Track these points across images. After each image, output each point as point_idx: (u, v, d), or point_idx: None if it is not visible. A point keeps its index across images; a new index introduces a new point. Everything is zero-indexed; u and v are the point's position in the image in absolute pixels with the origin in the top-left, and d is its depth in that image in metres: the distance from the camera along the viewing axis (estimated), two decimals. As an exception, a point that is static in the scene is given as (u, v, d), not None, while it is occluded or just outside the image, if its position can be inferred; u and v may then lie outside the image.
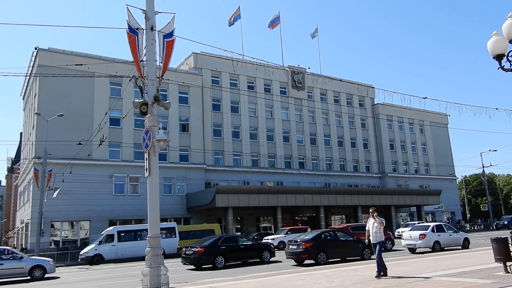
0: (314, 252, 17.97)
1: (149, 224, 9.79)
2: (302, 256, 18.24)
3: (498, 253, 11.02)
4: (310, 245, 18.03)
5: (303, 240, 18.61)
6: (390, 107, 56.39)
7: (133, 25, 10.03)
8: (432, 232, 22.48)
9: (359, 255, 19.25)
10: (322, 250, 18.23)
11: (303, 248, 17.96)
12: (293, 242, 18.95)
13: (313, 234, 19.31)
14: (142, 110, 9.86)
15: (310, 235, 19.19)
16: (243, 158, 45.33)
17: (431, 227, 22.92)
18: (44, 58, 35.58)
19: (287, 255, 19.11)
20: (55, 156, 31.54)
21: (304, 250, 17.94)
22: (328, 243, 19.04)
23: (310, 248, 17.93)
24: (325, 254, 18.22)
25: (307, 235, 19.52)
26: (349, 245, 19.53)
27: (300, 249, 18.05)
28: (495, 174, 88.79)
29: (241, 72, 44.67)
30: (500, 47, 8.38)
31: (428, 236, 22.08)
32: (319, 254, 18.04)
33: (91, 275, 19.65)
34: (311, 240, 18.33)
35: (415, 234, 22.47)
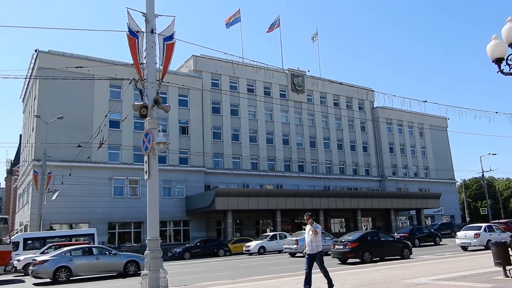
0: (360, 252, 19.37)
1: (149, 226, 9.78)
2: (348, 256, 19.62)
3: (497, 257, 11.01)
4: (356, 245, 19.42)
5: (349, 240, 19.95)
6: (389, 110, 56.45)
7: (133, 28, 10.05)
8: (485, 231, 24.07)
9: (399, 254, 20.67)
10: (367, 250, 19.67)
11: (350, 248, 19.37)
12: (339, 242, 20.36)
13: (358, 235, 20.70)
14: (142, 112, 9.87)
15: (355, 236, 20.59)
16: (242, 161, 45.32)
17: (483, 227, 24.56)
18: (44, 60, 35.60)
19: (333, 255, 20.32)
20: (54, 158, 31.56)
21: (350, 250, 19.36)
22: (371, 243, 20.53)
23: (356, 248, 19.33)
24: (369, 253, 19.61)
25: (351, 236, 21.00)
26: (390, 245, 21.16)
27: (347, 249, 19.45)
28: (495, 178, 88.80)
29: (241, 75, 44.72)
30: (499, 51, 8.38)
31: (482, 235, 23.69)
32: (364, 253, 19.41)
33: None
34: (356, 241, 19.72)
35: (470, 233, 24.17)
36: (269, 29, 49.09)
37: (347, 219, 50.49)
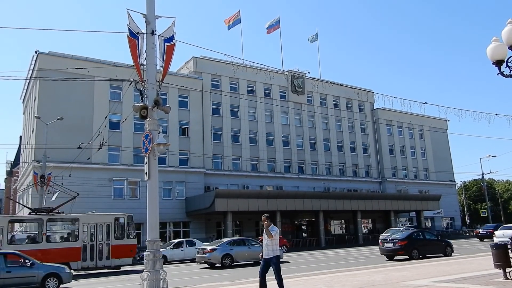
0: (409, 249, 20.81)
1: (149, 228, 9.77)
2: (398, 253, 20.96)
3: (497, 259, 11.00)
4: (405, 243, 20.87)
5: (398, 239, 21.34)
6: (389, 112, 56.46)
7: (134, 29, 10.06)
8: None
9: (443, 252, 22.10)
10: (415, 248, 21.12)
11: (399, 246, 20.83)
12: (389, 240, 21.70)
13: (406, 234, 22.11)
14: (142, 114, 9.87)
15: (403, 235, 22.00)
16: (242, 162, 45.32)
17: None
18: (44, 61, 35.62)
19: (382, 252, 21.83)
20: (54, 159, 31.56)
21: (400, 248, 20.81)
22: (418, 241, 21.93)
23: (405, 246, 20.77)
24: (417, 251, 21.04)
25: (398, 235, 22.54)
26: (435, 243, 22.70)
27: (397, 246, 20.90)
28: (495, 180, 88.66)
29: (241, 76, 44.75)
30: (499, 53, 8.39)
31: None
32: (412, 251, 20.88)
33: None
34: (405, 239, 21.19)
35: (508, 232, 24.52)
36: (269, 30, 49.14)
37: (347, 220, 50.49)
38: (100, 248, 21.92)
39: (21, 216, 22.41)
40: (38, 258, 18.66)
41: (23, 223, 21.89)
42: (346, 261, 21.72)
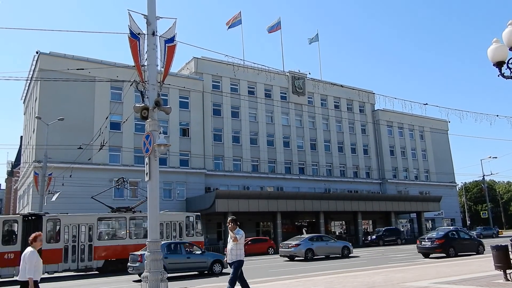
0: (446, 247, 21.93)
1: (149, 228, 9.77)
2: (436, 251, 21.96)
3: (498, 260, 10.98)
4: (442, 241, 21.97)
5: (436, 237, 22.39)
6: (390, 113, 56.44)
7: (135, 30, 10.06)
8: None
9: (475, 250, 23.15)
10: (451, 246, 22.26)
11: (437, 244, 21.86)
12: (426, 239, 22.71)
13: (443, 233, 23.11)
14: (143, 114, 9.86)
15: (440, 234, 23.01)
16: (243, 163, 45.32)
17: None
18: (45, 62, 35.68)
19: (419, 250, 22.80)
20: (55, 160, 31.58)
21: (438, 246, 21.86)
22: (454, 240, 22.96)
23: (442, 244, 21.87)
24: (453, 249, 22.15)
25: (434, 234, 23.56)
26: (468, 242, 23.64)
27: (435, 245, 21.93)
28: (495, 181, 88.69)
29: (242, 77, 44.77)
30: (500, 54, 8.39)
31: None
32: (449, 249, 22.02)
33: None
34: (442, 238, 22.27)
35: None
36: (270, 31, 49.17)
37: (348, 221, 50.46)
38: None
39: (108, 214, 24.40)
40: (118, 252, 22.36)
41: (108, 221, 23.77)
42: (346, 262, 21.72)
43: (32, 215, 21.80)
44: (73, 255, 21.61)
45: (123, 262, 21.06)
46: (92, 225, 22.48)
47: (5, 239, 20.48)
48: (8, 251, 20.22)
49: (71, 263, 21.53)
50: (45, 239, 20.62)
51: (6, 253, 20.17)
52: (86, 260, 21.84)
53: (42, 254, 18.78)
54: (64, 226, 21.96)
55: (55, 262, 21.02)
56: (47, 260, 20.11)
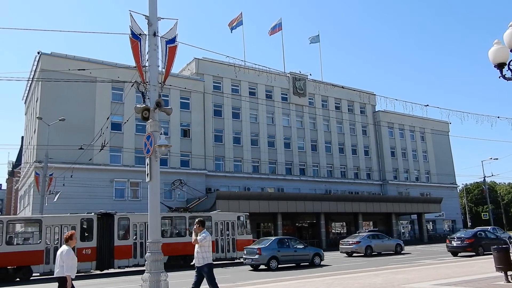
0: (475, 246, 22.97)
1: (150, 229, 9.76)
2: (467, 249, 23.11)
3: (499, 262, 10.98)
4: (472, 241, 23.07)
5: (465, 237, 23.58)
6: (391, 114, 56.41)
7: (136, 30, 10.06)
8: None
9: None
10: (480, 245, 23.32)
11: (467, 243, 22.99)
12: (456, 239, 23.94)
13: (471, 232, 24.56)
14: (143, 115, 9.85)
15: (468, 233, 24.45)
16: (244, 164, 45.32)
17: None
18: (46, 62, 35.72)
19: (449, 249, 24.08)
20: (56, 160, 31.60)
21: (468, 245, 22.98)
22: (482, 239, 23.96)
23: (472, 243, 22.97)
24: (482, 248, 23.08)
25: (463, 233, 24.97)
26: (496, 242, 23.36)
27: (465, 244, 23.07)
28: (496, 183, 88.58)
29: (243, 78, 44.78)
30: (501, 56, 8.39)
31: None
32: (478, 248, 23.10)
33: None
34: (472, 237, 23.46)
35: None
36: (272, 32, 49.19)
37: (348, 223, 50.41)
38: (228, 242, 25.73)
39: (170, 214, 25.67)
40: (180, 249, 23.71)
41: (170, 220, 25.15)
42: (347, 264, 21.69)
43: (105, 214, 23.01)
44: (141, 251, 22.76)
45: (184, 258, 23.55)
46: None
47: (82, 236, 21.83)
48: (85, 247, 21.63)
49: (140, 259, 22.66)
50: (117, 236, 22.56)
51: (84, 248, 21.54)
52: None
53: (115, 250, 22.16)
54: (132, 224, 23.31)
55: (125, 258, 22.53)
56: (119, 255, 22.35)
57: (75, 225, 21.78)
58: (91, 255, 21.61)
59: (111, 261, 22.31)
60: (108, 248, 22.33)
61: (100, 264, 22.06)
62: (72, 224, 21.70)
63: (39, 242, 20.93)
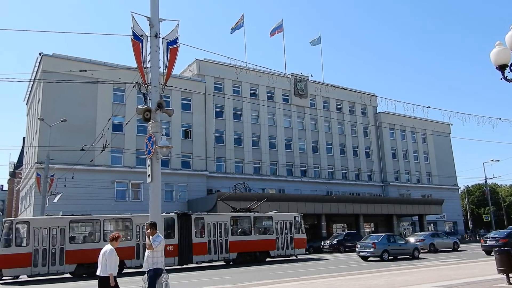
0: (509, 245, 23.57)
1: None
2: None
3: (501, 264, 10.95)
4: (506, 240, 23.51)
5: (499, 237, 24.48)
6: (392, 115, 56.37)
7: (138, 32, 10.08)
8: None
9: None
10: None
11: (502, 242, 23.19)
12: (491, 238, 24.98)
13: (505, 232, 25.45)
14: (145, 116, 9.87)
15: (501, 233, 25.41)
16: (245, 165, 45.31)
17: None
18: (48, 63, 35.77)
19: (483, 248, 25.09)
20: (57, 161, 31.61)
21: (503, 244, 22.76)
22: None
23: (507, 242, 22.97)
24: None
25: (496, 234, 25.91)
26: None
27: (500, 243, 23.22)
28: (498, 185, 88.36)
29: (244, 79, 44.80)
30: (503, 57, 8.38)
31: None
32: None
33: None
34: (506, 237, 24.15)
35: None
36: (273, 33, 49.25)
37: (349, 224, 50.32)
38: (286, 240, 27.58)
39: (238, 214, 27.57)
40: (247, 246, 26.01)
41: (238, 220, 27.08)
42: (349, 265, 21.68)
43: (183, 213, 25.02)
44: (214, 248, 24.85)
45: (250, 255, 26.04)
46: (227, 223, 25.77)
47: (166, 234, 23.00)
48: (168, 244, 22.68)
49: (214, 255, 24.76)
50: (194, 234, 24.36)
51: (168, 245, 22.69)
52: (224, 252, 25.18)
53: (193, 247, 24.11)
54: (207, 224, 25.09)
55: (202, 254, 24.39)
56: (196, 252, 24.21)
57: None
58: (174, 252, 23.34)
59: (190, 257, 24.08)
60: (187, 245, 24.10)
61: (181, 260, 23.77)
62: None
63: (130, 239, 22.59)
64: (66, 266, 20.97)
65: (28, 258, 20.31)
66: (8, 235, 20.86)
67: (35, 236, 20.80)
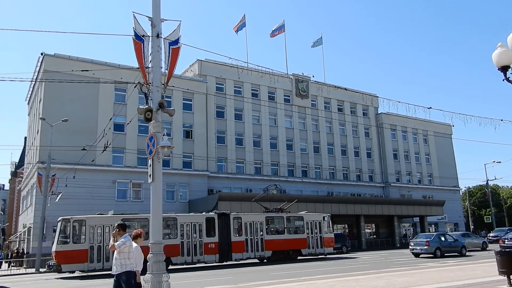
0: None
1: (152, 230, 9.77)
2: None
3: (502, 265, 10.92)
4: None
5: None
6: (394, 116, 56.32)
7: (139, 32, 10.08)
8: None
9: None
10: None
11: None
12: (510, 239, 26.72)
13: None
14: (146, 116, 9.87)
15: None
16: (246, 165, 45.31)
17: None
18: (50, 63, 35.81)
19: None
20: (59, 161, 31.66)
21: None
22: None
23: None
24: None
25: None
26: None
27: None
28: (499, 186, 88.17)
29: (246, 79, 44.79)
30: (505, 58, 8.38)
31: None
32: None
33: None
34: None
35: None
36: (274, 34, 49.27)
37: (350, 225, 50.29)
38: (317, 239, 29.10)
39: (273, 214, 29.18)
40: (280, 245, 27.63)
41: (272, 219, 28.75)
42: (349, 266, 21.67)
43: (222, 213, 26.59)
44: (251, 246, 26.51)
45: (284, 253, 27.67)
46: (262, 223, 27.47)
47: (208, 232, 25.20)
48: (210, 241, 25.12)
49: (250, 253, 26.37)
50: (232, 232, 25.96)
51: (209, 243, 25.07)
52: (260, 250, 26.79)
53: (232, 245, 25.81)
54: (244, 223, 26.74)
55: (240, 252, 25.98)
56: (235, 249, 25.83)
57: (202, 222, 25.25)
58: (215, 249, 25.00)
59: (229, 254, 25.54)
60: (226, 243, 25.63)
61: (221, 257, 25.29)
62: (199, 221, 25.25)
63: (176, 237, 24.17)
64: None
65: (85, 254, 21.60)
66: (65, 233, 22.03)
67: (90, 233, 21.95)
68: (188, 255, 24.43)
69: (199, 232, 24.99)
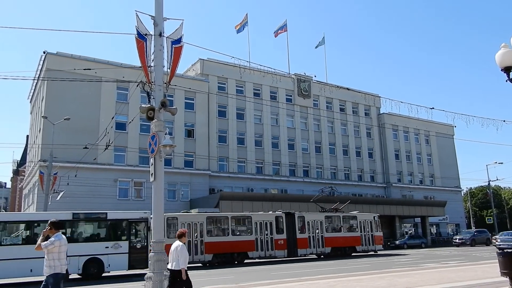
0: None
1: (154, 229, 9.77)
2: None
3: (504, 266, 10.87)
4: None
5: None
6: (396, 116, 56.24)
7: (142, 31, 10.09)
8: None
9: None
10: None
11: None
12: None
13: None
14: (149, 115, 9.88)
15: None
16: (247, 165, 45.31)
17: None
18: (52, 62, 35.87)
19: None
20: (60, 159, 31.70)
21: None
22: None
23: None
24: None
25: None
26: None
27: None
28: (501, 187, 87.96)
29: (248, 79, 44.78)
30: (508, 59, 8.35)
31: None
32: None
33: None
34: None
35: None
36: (276, 34, 49.24)
37: (352, 225, 50.28)
38: (368, 237, 31.46)
39: (330, 213, 31.51)
40: (338, 242, 30.07)
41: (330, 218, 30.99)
42: (351, 266, 21.66)
43: (287, 212, 29.05)
44: (313, 242, 28.94)
45: (341, 249, 30.05)
46: (321, 221, 29.84)
47: (277, 230, 27.70)
48: (279, 238, 27.53)
49: (313, 249, 28.87)
50: (297, 230, 28.45)
51: (279, 240, 27.45)
52: (321, 247, 29.16)
53: (297, 241, 28.27)
54: (307, 221, 29.18)
55: (304, 248, 28.49)
56: (300, 246, 28.36)
57: (272, 221, 27.68)
58: (283, 245, 27.46)
59: (295, 250, 27.97)
60: (293, 239, 28.06)
61: (289, 252, 27.71)
62: (270, 220, 27.68)
63: (251, 233, 26.64)
64: (206, 256, 24.89)
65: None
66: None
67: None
68: (261, 250, 26.91)
69: (270, 230, 27.37)
